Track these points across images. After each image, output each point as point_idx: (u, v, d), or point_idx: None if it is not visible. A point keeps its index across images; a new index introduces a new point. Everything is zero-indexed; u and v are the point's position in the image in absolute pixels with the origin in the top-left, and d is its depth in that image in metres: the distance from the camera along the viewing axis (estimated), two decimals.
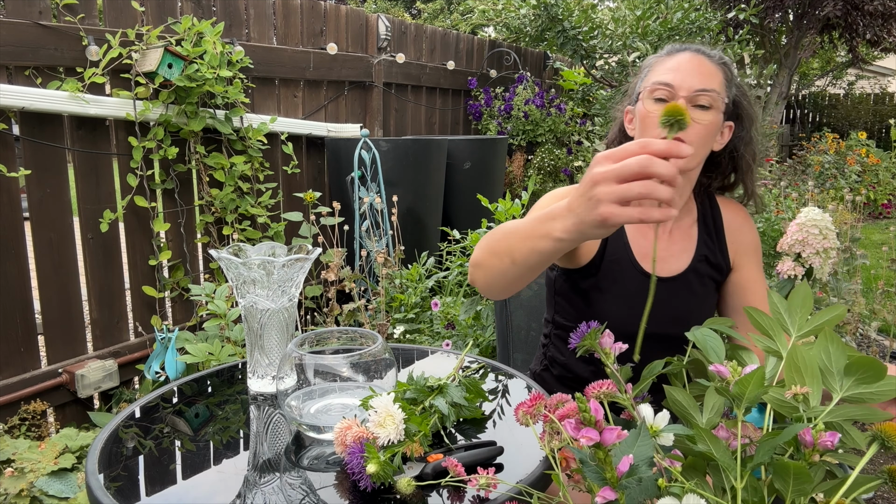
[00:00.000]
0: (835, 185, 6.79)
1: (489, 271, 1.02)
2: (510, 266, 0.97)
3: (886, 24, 8.43)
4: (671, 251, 1.31)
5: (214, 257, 1.10)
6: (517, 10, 5.15)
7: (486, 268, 1.03)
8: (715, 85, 1.20)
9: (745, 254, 1.35)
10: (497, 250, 0.98)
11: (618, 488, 0.68)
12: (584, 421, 0.69)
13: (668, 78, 1.19)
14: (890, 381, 0.74)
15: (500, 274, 1.00)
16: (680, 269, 1.31)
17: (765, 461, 0.73)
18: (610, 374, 0.91)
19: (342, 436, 0.87)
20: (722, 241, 1.34)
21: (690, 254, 1.32)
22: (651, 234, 1.32)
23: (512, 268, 0.97)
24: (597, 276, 1.30)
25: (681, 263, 1.31)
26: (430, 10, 16.95)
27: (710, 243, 1.33)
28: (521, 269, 0.96)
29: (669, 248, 1.31)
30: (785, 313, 0.85)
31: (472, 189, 3.74)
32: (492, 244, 1.00)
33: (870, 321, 3.30)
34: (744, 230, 1.36)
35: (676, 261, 1.31)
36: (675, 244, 1.32)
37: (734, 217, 1.36)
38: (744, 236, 1.35)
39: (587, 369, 1.38)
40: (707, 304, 1.34)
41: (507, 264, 0.97)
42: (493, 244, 1.00)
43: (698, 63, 1.20)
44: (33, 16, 2.25)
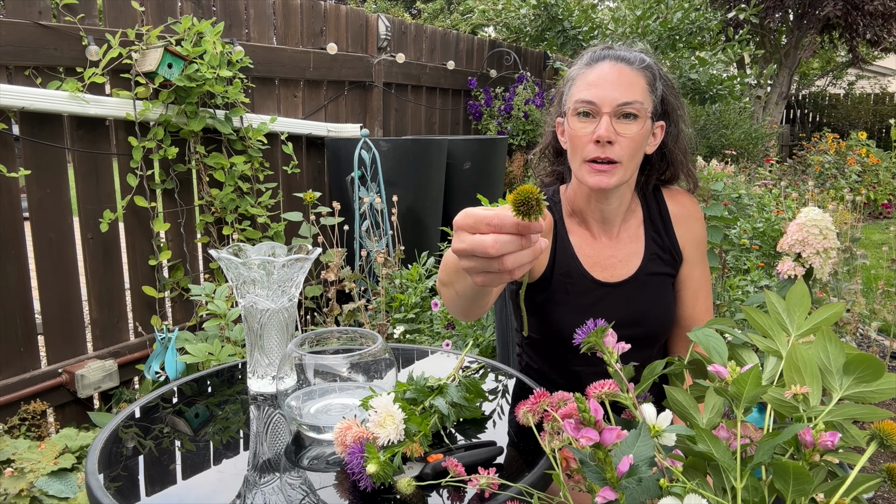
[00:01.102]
0: (835, 185, 6.79)
1: (444, 298, 1.04)
2: (455, 297, 0.98)
3: (886, 24, 8.44)
4: (619, 256, 1.33)
5: (214, 257, 1.10)
6: (517, 10, 5.15)
7: (441, 294, 1.05)
8: (637, 94, 1.19)
9: (685, 246, 1.36)
10: (443, 280, 1.00)
11: (618, 488, 0.67)
12: (584, 421, 0.69)
13: (589, 95, 1.19)
14: (890, 379, 0.74)
15: (451, 302, 1.02)
16: (630, 272, 1.32)
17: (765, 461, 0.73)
18: (612, 373, 0.91)
19: (342, 436, 0.87)
20: (671, 233, 1.35)
21: (640, 255, 1.33)
22: (597, 244, 1.33)
23: (458, 298, 0.98)
24: (549, 289, 1.31)
25: (630, 266, 1.32)
26: (430, 10, 16.95)
27: (658, 239, 1.34)
28: (465, 299, 0.97)
29: (617, 253, 1.33)
30: (783, 313, 0.85)
31: (472, 189, 3.74)
32: (440, 274, 1.02)
33: (870, 321, 3.30)
34: (689, 222, 1.36)
35: (625, 265, 1.32)
36: (623, 248, 1.33)
37: (681, 208, 1.37)
38: (689, 228, 1.36)
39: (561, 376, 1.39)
40: (665, 300, 1.36)
41: (452, 294, 0.98)
42: (441, 274, 1.01)
43: (618, 73, 1.19)
44: (33, 16, 2.25)
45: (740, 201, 3.08)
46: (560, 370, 1.38)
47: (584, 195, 1.30)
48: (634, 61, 1.22)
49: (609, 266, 1.32)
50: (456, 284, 0.96)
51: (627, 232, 1.34)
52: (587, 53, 1.28)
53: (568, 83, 1.27)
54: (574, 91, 1.23)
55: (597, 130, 1.17)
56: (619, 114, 1.18)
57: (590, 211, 1.31)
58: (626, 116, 1.19)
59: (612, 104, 1.17)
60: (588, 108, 1.19)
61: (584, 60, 1.27)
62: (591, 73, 1.22)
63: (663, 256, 1.34)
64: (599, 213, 1.31)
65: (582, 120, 1.20)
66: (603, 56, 1.23)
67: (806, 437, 0.72)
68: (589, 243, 1.32)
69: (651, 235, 1.34)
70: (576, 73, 1.25)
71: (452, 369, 1.05)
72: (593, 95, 1.19)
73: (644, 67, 1.22)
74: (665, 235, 1.35)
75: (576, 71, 1.26)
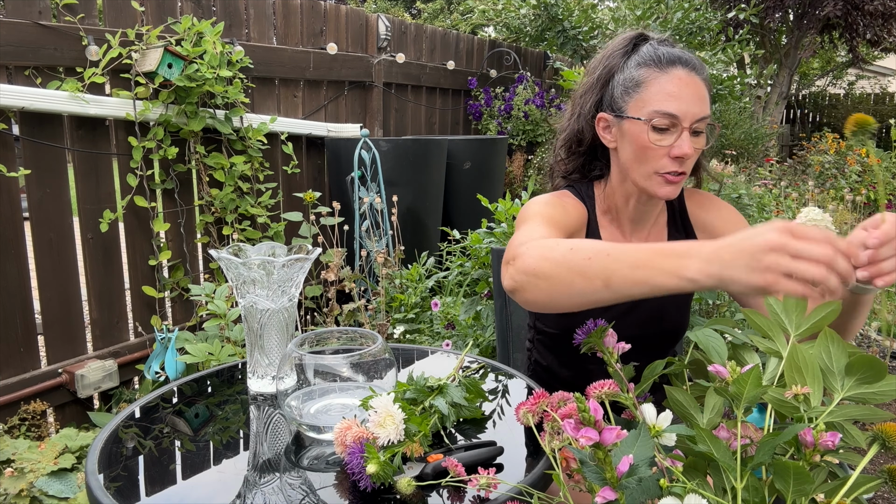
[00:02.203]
0: (835, 185, 6.79)
1: (560, 287, 0.91)
2: (601, 289, 0.87)
3: (886, 24, 8.44)
4: None
5: (214, 257, 1.10)
6: (517, 10, 5.15)
7: (557, 283, 0.91)
8: (708, 107, 1.18)
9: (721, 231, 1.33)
10: (584, 270, 0.88)
11: (618, 488, 0.67)
12: (584, 421, 0.69)
13: (671, 108, 1.14)
14: (891, 380, 0.74)
15: (578, 293, 0.90)
16: None
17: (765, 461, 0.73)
18: (612, 373, 0.91)
19: (342, 436, 0.87)
20: (690, 233, 1.35)
21: None
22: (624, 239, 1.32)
23: (603, 291, 0.87)
24: None
25: None
26: (430, 10, 16.95)
27: (679, 238, 1.34)
28: (615, 295, 0.87)
29: None
30: (782, 313, 0.85)
31: (472, 189, 3.74)
32: (573, 260, 0.90)
33: (870, 321, 3.30)
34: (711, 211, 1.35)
35: None
36: None
37: (699, 205, 1.36)
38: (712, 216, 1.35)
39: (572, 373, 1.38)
40: (682, 299, 1.36)
41: (597, 287, 0.87)
42: (577, 261, 0.89)
43: (695, 85, 1.16)
44: (33, 16, 2.25)
45: (740, 201, 3.08)
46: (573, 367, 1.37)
47: (625, 195, 1.27)
48: (700, 69, 1.18)
49: None
50: (616, 278, 0.85)
51: (654, 233, 1.34)
52: (646, 49, 1.20)
53: (630, 81, 1.19)
54: (648, 97, 1.16)
55: (679, 146, 1.14)
56: (693, 129, 1.15)
57: (627, 211, 1.29)
58: (698, 132, 1.17)
59: (692, 119, 1.14)
60: (669, 122, 1.14)
61: (645, 59, 1.19)
62: (666, 80, 1.16)
63: None
64: (637, 213, 1.29)
65: (659, 132, 1.15)
66: (674, 60, 1.17)
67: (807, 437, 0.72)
68: (617, 238, 1.32)
69: (673, 236, 1.34)
70: (644, 76, 1.18)
71: (452, 369, 1.05)
72: (676, 109, 1.14)
73: (706, 77, 1.20)
74: (683, 235, 1.35)
75: (644, 72, 1.18)
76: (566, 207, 1.25)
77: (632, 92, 1.19)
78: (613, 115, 1.22)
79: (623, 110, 1.20)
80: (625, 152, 1.21)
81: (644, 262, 0.83)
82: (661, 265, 0.81)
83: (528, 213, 1.20)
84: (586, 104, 1.27)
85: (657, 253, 0.83)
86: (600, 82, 1.25)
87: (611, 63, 1.23)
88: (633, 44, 1.23)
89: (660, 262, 0.82)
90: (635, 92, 1.18)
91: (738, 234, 0.77)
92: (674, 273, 0.80)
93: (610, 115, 1.23)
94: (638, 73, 1.18)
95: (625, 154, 1.21)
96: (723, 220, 1.34)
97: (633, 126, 1.18)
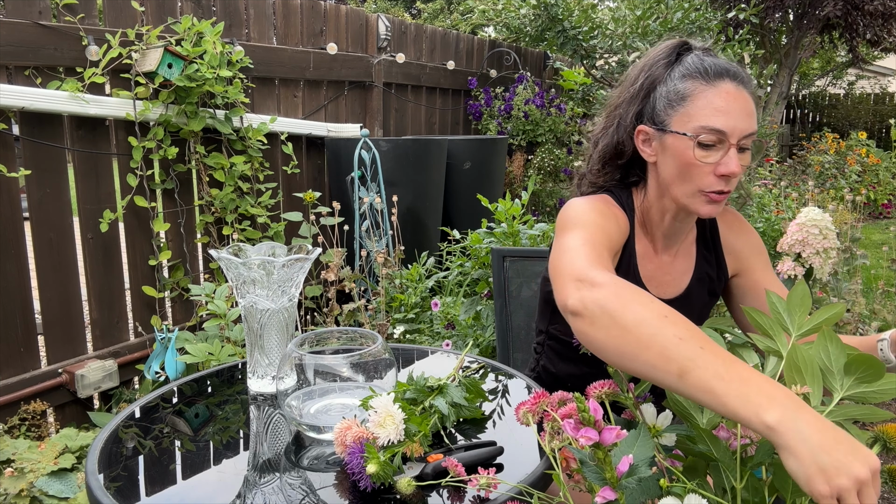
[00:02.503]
0: (835, 185, 6.79)
1: (631, 346, 0.81)
2: (670, 375, 0.77)
3: (886, 24, 8.43)
4: (673, 274, 1.29)
5: (214, 257, 1.10)
6: (517, 10, 5.15)
7: (632, 340, 0.81)
8: (755, 122, 1.12)
9: (746, 258, 1.31)
10: (667, 347, 0.78)
11: (618, 488, 0.67)
12: (584, 421, 0.68)
13: (719, 124, 1.08)
14: (890, 380, 0.74)
15: (644, 363, 0.80)
16: (681, 290, 1.29)
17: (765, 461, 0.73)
18: (612, 373, 0.91)
19: (342, 436, 0.87)
20: (719, 252, 1.31)
21: (690, 272, 1.29)
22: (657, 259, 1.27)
23: (669, 378, 0.77)
24: None
25: (682, 283, 1.29)
26: (430, 10, 16.95)
27: (708, 257, 1.31)
28: (680, 389, 0.77)
29: (672, 271, 1.29)
30: (784, 313, 0.85)
31: (472, 189, 3.74)
32: (662, 330, 0.79)
33: (870, 321, 3.30)
34: (740, 236, 1.33)
35: (678, 282, 1.29)
36: (678, 266, 1.29)
37: (729, 226, 1.33)
38: (741, 242, 1.32)
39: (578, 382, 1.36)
40: (704, 315, 1.34)
41: (668, 371, 0.77)
42: (665, 333, 0.79)
43: (744, 100, 1.11)
44: (33, 16, 2.25)
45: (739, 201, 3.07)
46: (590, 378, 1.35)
47: (661, 210, 1.23)
48: (748, 82, 1.13)
49: (663, 283, 1.28)
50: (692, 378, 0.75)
51: (683, 250, 1.30)
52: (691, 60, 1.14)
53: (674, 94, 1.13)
54: (694, 111, 1.11)
55: (725, 164, 1.09)
56: (740, 146, 1.10)
57: (661, 226, 1.25)
58: (744, 148, 1.12)
59: (740, 135, 1.09)
60: (717, 138, 1.09)
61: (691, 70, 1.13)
62: (714, 94, 1.10)
63: (711, 274, 1.31)
64: (671, 230, 1.25)
65: (705, 149, 1.10)
66: (721, 73, 1.11)
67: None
68: (650, 257, 1.27)
69: (703, 254, 1.31)
70: (690, 89, 1.12)
71: (452, 369, 1.05)
72: (724, 125, 1.08)
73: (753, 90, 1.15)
74: (713, 253, 1.31)
75: (689, 85, 1.12)
76: (617, 219, 1.19)
77: (676, 105, 1.13)
78: (655, 129, 1.16)
79: (666, 124, 1.14)
80: (666, 168, 1.16)
81: (732, 377, 0.74)
82: (745, 392, 0.72)
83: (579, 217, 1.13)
84: (627, 115, 1.21)
85: (748, 377, 0.73)
86: (642, 93, 1.19)
87: (653, 73, 1.18)
88: (676, 53, 1.18)
89: (745, 388, 0.73)
90: (680, 105, 1.12)
91: (840, 431, 0.70)
92: (754, 409, 0.71)
93: (651, 129, 1.17)
94: (683, 86, 1.13)
95: (666, 170, 1.16)
96: (749, 245, 1.32)
97: (676, 141, 1.12)
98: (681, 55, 1.17)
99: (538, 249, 1.84)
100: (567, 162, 5.06)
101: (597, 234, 1.08)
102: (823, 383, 0.77)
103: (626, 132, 1.21)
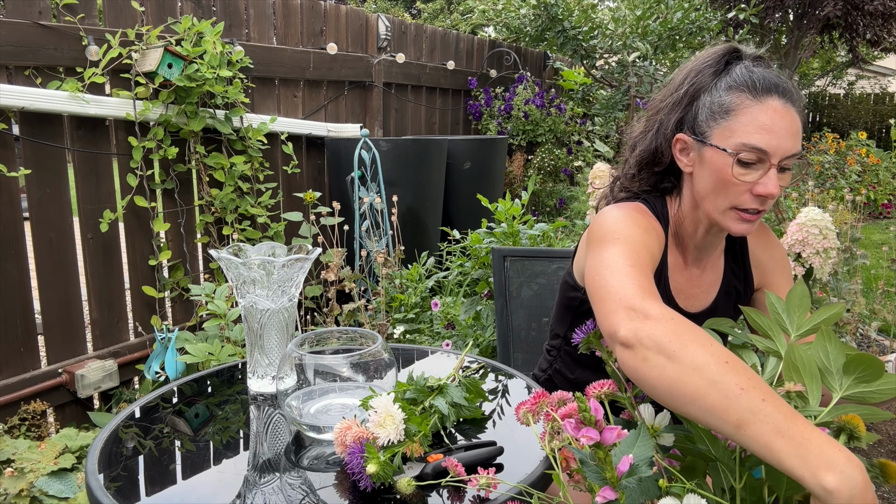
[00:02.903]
0: (835, 185, 6.79)
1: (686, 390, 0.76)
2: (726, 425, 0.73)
3: (886, 24, 8.43)
4: (701, 287, 1.27)
5: (214, 257, 1.10)
6: (517, 10, 5.15)
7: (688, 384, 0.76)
8: (800, 142, 1.07)
9: (771, 272, 1.28)
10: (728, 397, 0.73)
11: (618, 488, 0.67)
12: (585, 420, 0.69)
13: (762, 143, 1.04)
14: (890, 379, 0.74)
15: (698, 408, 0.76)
16: (708, 303, 1.27)
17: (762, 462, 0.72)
18: (611, 373, 0.91)
19: (342, 436, 0.87)
20: (747, 265, 1.29)
21: (717, 286, 1.27)
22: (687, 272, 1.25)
23: (725, 427, 0.73)
24: None
25: (709, 297, 1.27)
26: (430, 10, 16.95)
27: (736, 270, 1.29)
28: (734, 439, 0.73)
29: (700, 283, 1.27)
30: (783, 313, 0.85)
31: (472, 189, 3.74)
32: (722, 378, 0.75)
33: (870, 321, 3.30)
34: (767, 250, 1.29)
35: (706, 295, 1.27)
36: (706, 279, 1.27)
37: (757, 239, 1.29)
38: (767, 255, 1.29)
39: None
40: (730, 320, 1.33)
41: (725, 420, 0.73)
42: (726, 382, 0.74)
43: (791, 120, 1.06)
44: (33, 16, 2.25)
45: None
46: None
47: (694, 222, 1.19)
48: (797, 99, 1.08)
49: (691, 295, 1.26)
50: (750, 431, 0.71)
51: (712, 263, 1.28)
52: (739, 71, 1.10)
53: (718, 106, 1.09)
54: (737, 126, 1.06)
55: (764, 185, 1.05)
56: (782, 165, 1.06)
57: (694, 238, 1.22)
58: (785, 168, 1.07)
59: (782, 155, 1.05)
60: (758, 157, 1.05)
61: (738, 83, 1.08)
62: (760, 110, 1.05)
63: (738, 288, 1.28)
64: (704, 242, 1.22)
65: (744, 167, 1.06)
66: (770, 88, 1.06)
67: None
68: (680, 269, 1.25)
69: (731, 267, 1.28)
70: (735, 102, 1.07)
71: (452, 369, 1.05)
72: (766, 144, 1.04)
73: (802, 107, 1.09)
74: (741, 266, 1.29)
75: (735, 98, 1.08)
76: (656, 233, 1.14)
77: (719, 118, 1.08)
78: (694, 139, 1.12)
79: (706, 136, 1.10)
80: (702, 181, 1.12)
81: (793, 434, 0.70)
82: (805, 453, 0.69)
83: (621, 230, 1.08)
84: (669, 122, 1.16)
85: (809, 436, 0.70)
86: (686, 100, 1.14)
87: (699, 81, 1.13)
88: (724, 61, 1.13)
89: (805, 448, 0.69)
90: (723, 119, 1.08)
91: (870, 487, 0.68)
92: (812, 470, 0.68)
93: (690, 138, 1.13)
94: (728, 99, 1.08)
95: (702, 182, 1.12)
96: (773, 260, 1.28)
97: (715, 155, 1.08)
98: (730, 63, 1.13)
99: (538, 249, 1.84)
100: (567, 162, 5.07)
101: (641, 252, 1.03)
102: (823, 383, 0.77)
103: (666, 139, 1.17)
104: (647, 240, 1.08)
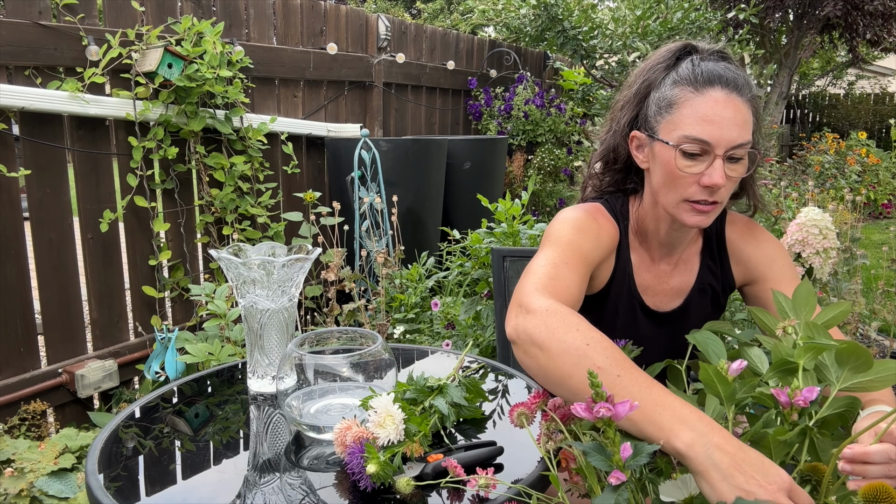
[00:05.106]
0: (835, 185, 6.78)
1: (552, 379, 0.87)
2: (565, 392, 0.85)
3: (886, 24, 8.43)
4: (672, 284, 1.26)
5: (214, 257, 1.10)
6: (517, 10, 5.15)
7: (550, 372, 0.87)
8: (749, 133, 1.07)
9: (756, 266, 1.25)
10: (584, 380, 0.79)
11: (625, 469, 0.67)
12: (596, 397, 0.69)
13: (703, 133, 1.04)
14: (888, 366, 0.74)
15: (567, 390, 0.86)
16: (678, 303, 1.26)
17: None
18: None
19: (342, 436, 0.88)
20: (725, 262, 1.27)
21: (691, 285, 1.26)
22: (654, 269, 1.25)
23: (565, 393, 0.85)
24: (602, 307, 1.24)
25: (680, 297, 1.26)
26: (430, 10, 16.95)
27: (713, 267, 1.27)
28: (567, 395, 0.85)
29: (670, 280, 1.26)
30: (791, 311, 0.85)
31: (472, 189, 3.74)
32: (580, 367, 0.83)
33: (870, 321, 3.30)
34: (751, 244, 1.26)
35: (676, 294, 1.26)
36: (677, 276, 1.26)
37: (740, 234, 1.27)
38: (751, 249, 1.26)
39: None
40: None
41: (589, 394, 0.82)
42: (582, 369, 0.82)
43: (734, 109, 1.05)
44: (33, 16, 2.25)
45: None
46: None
47: (656, 219, 1.20)
48: (744, 89, 1.07)
49: (660, 293, 1.25)
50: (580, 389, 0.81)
51: (685, 260, 1.26)
52: (685, 66, 1.10)
53: (663, 101, 1.10)
54: (679, 119, 1.07)
55: (709, 176, 1.05)
56: (729, 155, 1.06)
57: (657, 235, 1.22)
58: (735, 158, 1.07)
59: (727, 146, 1.05)
60: (700, 147, 1.05)
61: (682, 77, 1.09)
62: (701, 102, 1.06)
63: (715, 286, 1.27)
64: (668, 238, 1.22)
65: (689, 158, 1.06)
66: (713, 79, 1.06)
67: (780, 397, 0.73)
68: (647, 266, 1.25)
69: (707, 265, 1.26)
70: (678, 96, 1.08)
71: (452, 369, 1.05)
72: (708, 135, 1.04)
73: (752, 97, 1.09)
74: (719, 263, 1.27)
75: (678, 92, 1.09)
76: (599, 233, 1.17)
77: (664, 112, 1.10)
78: (646, 135, 1.14)
79: (655, 131, 1.12)
80: (655, 175, 1.14)
81: (646, 403, 0.77)
82: (659, 418, 0.76)
83: (557, 234, 1.13)
84: (622, 120, 1.19)
85: (663, 402, 0.77)
86: (637, 97, 1.16)
87: (650, 77, 1.15)
88: (676, 57, 1.14)
89: (658, 413, 0.76)
90: (667, 113, 1.09)
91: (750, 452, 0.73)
92: (665, 434, 0.74)
93: (643, 135, 1.15)
94: (672, 93, 1.09)
95: (655, 177, 1.14)
96: (763, 255, 1.25)
97: (662, 149, 1.10)
98: (680, 59, 1.13)
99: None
100: (567, 162, 5.06)
101: (566, 252, 1.08)
102: (819, 377, 0.77)
103: (623, 137, 1.19)
104: (579, 241, 1.12)
